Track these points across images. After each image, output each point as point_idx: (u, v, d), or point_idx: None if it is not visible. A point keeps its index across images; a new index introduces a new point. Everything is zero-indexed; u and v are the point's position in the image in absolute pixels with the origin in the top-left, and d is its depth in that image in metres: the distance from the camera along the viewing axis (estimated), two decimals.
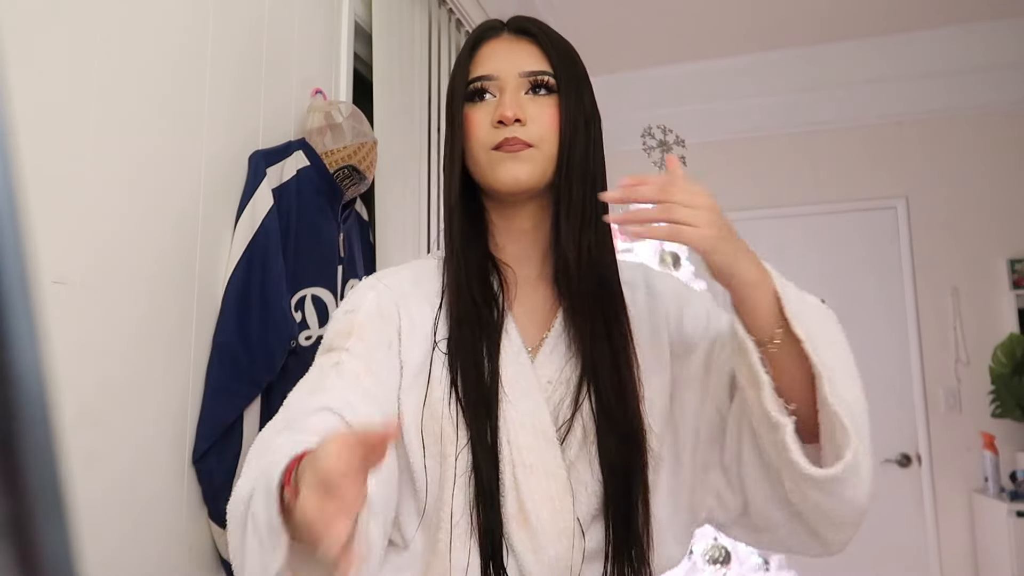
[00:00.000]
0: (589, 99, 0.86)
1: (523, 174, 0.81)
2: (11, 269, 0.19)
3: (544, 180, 0.83)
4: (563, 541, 0.77)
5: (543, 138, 0.82)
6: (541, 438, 0.79)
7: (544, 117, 0.82)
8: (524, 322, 0.85)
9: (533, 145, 0.81)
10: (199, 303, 1.21)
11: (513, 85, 0.83)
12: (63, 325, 0.96)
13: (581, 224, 0.83)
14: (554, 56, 0.84)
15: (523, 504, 0.76)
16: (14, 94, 0.89)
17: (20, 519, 0.19)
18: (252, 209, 1.28)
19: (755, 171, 3.63)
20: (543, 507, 0.77)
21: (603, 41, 3.37)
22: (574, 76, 0.85)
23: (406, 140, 1.89)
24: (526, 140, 0.81)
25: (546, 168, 0.83)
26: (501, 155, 0.81)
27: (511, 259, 0.87)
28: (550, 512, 0.77)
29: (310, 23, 1.58)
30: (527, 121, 0.81)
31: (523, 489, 0.77)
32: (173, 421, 1.14)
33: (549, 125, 0.82)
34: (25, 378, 0.19)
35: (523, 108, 0.82)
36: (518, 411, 0.79)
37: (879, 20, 3.21)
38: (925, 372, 3.29)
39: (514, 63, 0.84)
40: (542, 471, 0.78)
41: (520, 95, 0.83)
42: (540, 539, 0.76)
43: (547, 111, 0.83)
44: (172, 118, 1.18)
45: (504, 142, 0.81)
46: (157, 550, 1.10)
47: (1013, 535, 2.77)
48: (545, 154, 0.82)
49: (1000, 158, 3.30)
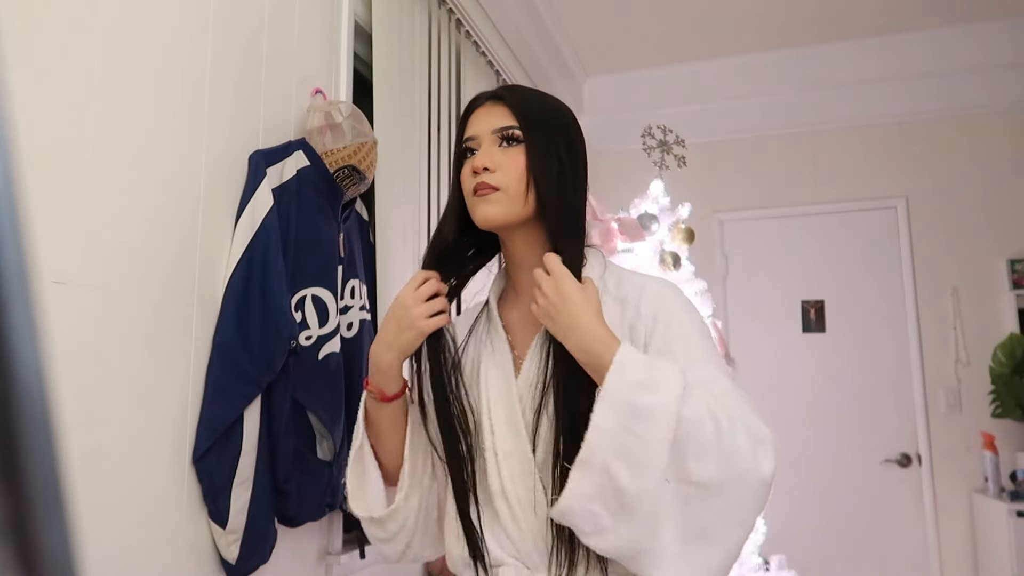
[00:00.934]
0: (565, 143, 1.02)
1: (492, 213, 0.98)
2: (11, 269, 0.19)
3: (517, 216, 0.99)
4: (537, 513, 0.95)
5: (509, 182, 0.98)
6: (514, 431, 0.98)
7: (510, 164, 0.99)
8: (517, 330, 1.04)
9: (499, 188, 0.98)
10: (199, 303, 1.21)
11: (488, 141, 1.01)
12: (63, 325, 0.96)
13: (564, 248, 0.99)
14: (520, 113, 1.01)
15: (503, 483, 0.97)
16: (14, 94, 0.89)
17: (20, 519, 0.19)
18: (252, 209, 1.28)
19: (755, 171, 3.63)
20: (519, 485, 0.96)
21: (603, 41, 3.37)
22: (541, 126, 1.01)
23: (406, 140, 1.89)
24: (492, 184, 0.98)
25: (515, 206, 0.99)
26: (475, 199, 1.00)
27: (520, 284, 1.06)
28: (524, 490, 0.96)
29: (310, 23, 1.58)
30: (495, 168, 0.99)
31: (503, 470, 0.97)
32: (173, 421, 1.14)
33: (514, 170, 0.99)
34: (25, 378, 0.19)
35: (493, 158, 0.99)
36: (500, 408, 0.99)
37: (879, 20, 3.21)
38: (925, 372, 3.29)
39: (488, 123, 1.02)
40: (517, 457, 0.97)
41: (494, 148, 1.01)
42: (516, 511, 0.96)
43: (514, 159, 0.99)
44: (172, 118, 1.18)
45: (477, 187, 0.99)
46: (157, 550, 1.10)
47: (1013, 535, 2.77)
48: (511, 195, 0.98)
49: (1000, 158, 3.30)
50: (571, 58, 3.45)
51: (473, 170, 0.99)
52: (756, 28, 3.26)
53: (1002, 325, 3.19)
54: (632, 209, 2.45)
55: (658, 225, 2.39)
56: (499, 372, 1.01)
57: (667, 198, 2.48)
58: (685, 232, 2.44)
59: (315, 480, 1.36)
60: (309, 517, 1.38)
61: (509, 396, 0.99)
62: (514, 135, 1.00)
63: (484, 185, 0.98)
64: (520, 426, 0.97)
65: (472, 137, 1.04)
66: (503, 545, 0.97)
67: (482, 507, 0.99)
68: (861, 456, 3.32)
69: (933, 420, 3.25)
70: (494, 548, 0.97)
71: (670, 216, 2.46)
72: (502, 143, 1.01)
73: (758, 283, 3.59)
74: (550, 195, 0.98)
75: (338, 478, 1.42)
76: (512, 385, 0.99)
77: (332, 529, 1.58)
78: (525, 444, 0.96)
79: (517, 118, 1.01)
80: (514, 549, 0.97)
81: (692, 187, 3.23)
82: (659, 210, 2.44)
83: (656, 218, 2.40)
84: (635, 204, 2.46)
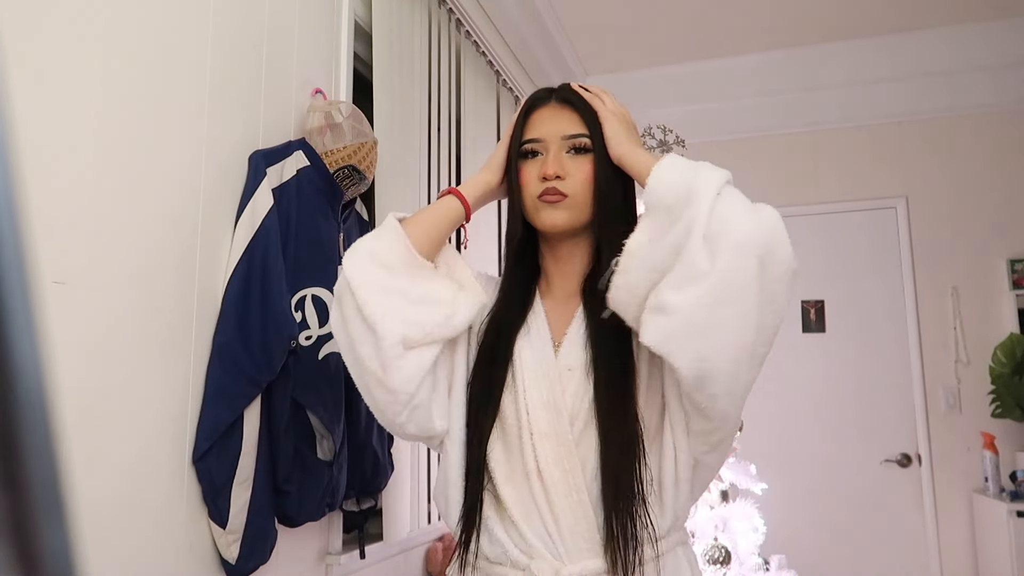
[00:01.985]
0: None
1: (559, 219, 1.01)
2: (11, 269, 0.19)
3: (579, 223, 1.02)
4: (572, 496, 0.95)
5: (577, 190, 1.01)
6: (553, 412, 0.97)
7: (579, 173, 1.01)
8: (555, 321, 1.05)
9: (568, 195, 1.00)
10: (199, 303, 1.21)
11: (556, 146, 1.02)
12: (63, 325, 0.96)
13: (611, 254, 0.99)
14: (591, 122, 1.03)
15: (539, 464, 0.96)
16: (14, 95, 0.89)
17: (20, 519, 0.19)
18: (252, 209, 1.28)
19: (755, 171, 3.63)
20: (555, 468, 0.96)
21: (603, 41, 3.37)
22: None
23: (406, 140, 1.89)
24: (563, 191, 1.00)
25: (580, 213, 1.01)
26: (541, 203, 1.01)
27: (554, 278, 1.09)
28: (561, 472, 0.95)
29: (310, 23, 1.58)
30: (566, 176, 1.01)
31: (539, 452, 0.96)
32: (173, 421, 1.14)
33: (583, 179, 1.01)
34: (25, 378, 0.19)
35: (563, 165, 1.01)
36: (538, 389, 0.98)
37: (879, 20, 3.21)
38: (925, 372, 3.29)
39: (557, 128, 1.03)
40: (554, 439, 0.96)
41: (562, 154, 1.02)
42: (551, 494, 0.95)
43: (583, 168, 1.01)
44: (172, 118, 1.18)
45: (545, 192, 1.01)
46: (157, 550, 1.10)
47: (1013, 535, 2.77)
48: (578, 203, 1.01)
49: (1000, 158, 3.30)
50: (571, 58, 3.45)
51: (544, 176, 1.01)
52: (756, 28, 3.26)
53: (1002, 325, 3.19)
54: None
55: None
56: (536, 354, 1.01)
57: None
58: None
59: (315, 480, 1.36)
60: (309, 517, 1.38)
61: (549, 378, 0.99)
62: (584, 144, 1.02)
63: (555, 191, 1.00)
64: (561, 407, 0.97)
65: (539, 140, 1.04)
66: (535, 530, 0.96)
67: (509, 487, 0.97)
68: (861, 456, 3.32)
69: (933, 420, 3.25)
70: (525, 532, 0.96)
71: None
72: (572, 151, 1.02)
73: None
74: (610, 207, 1.01)
75: (338, 478, 1.42)
76: (553, 367, 0.99)
77: (332, 529, 1.58)
78: (565, 426, 0.96)
79: (587, 126, 1.03)
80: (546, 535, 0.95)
81: None
82: None
83: None
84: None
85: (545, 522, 0.95)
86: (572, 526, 0.94)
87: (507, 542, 0.97)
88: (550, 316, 1.06)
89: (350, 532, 1.65)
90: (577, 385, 0.98)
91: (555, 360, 1.00)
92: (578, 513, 0.95)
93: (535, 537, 0.95)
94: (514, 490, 0.97)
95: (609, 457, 0.94)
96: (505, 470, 0.98)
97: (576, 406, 0.97)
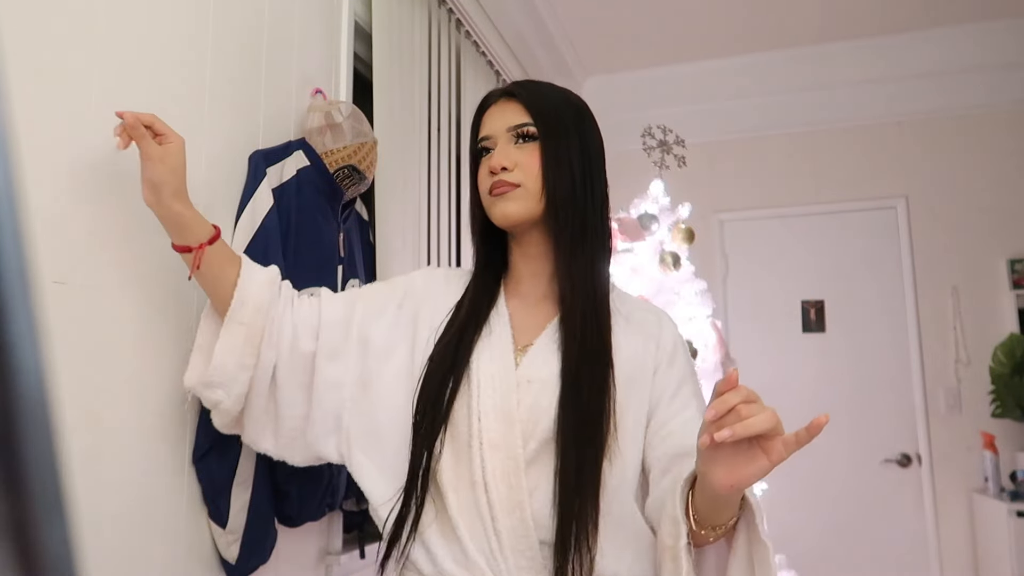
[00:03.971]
0: (581, 141, 1.01)
1: (510, 210, 0.98)
2: (11, 269, 0.19)
3: (534, 213, 0.98)
4: (515, 513, 0.90)
5: (526, 179, 0.98)
6: (506, 423, 0.92)
7: (527, 161, 0.98)
8: (521, 327, 1.01)
9: (519, 184, 0.97)
10: (199, 303, 1.21)
11: (503, 139, 1.00)
12: (63, 325, 0.96)
13: (571, 248, 0.97)
14: (535, 109, 1.00)
15: (485, 475, 0.91)
16: (14, 93, 0.89)
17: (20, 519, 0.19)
18: (252, 209, 1.28)
19: (755, 171, 3.63)
20: (501, 482, 0.91)
21: (603, 41, 3.37)
22: (558, 123, 0.99)
23: (406, 140, 1.89)
24: (511, 181, 0.97)
25: (533, 203, 0.98)
26: (492, 199, 0.99)
27: (524, 278, 1.05)
28: (507, 488, 0.91)
29: (310, 23, 1.58)
30: (513, 167, 0.98)
31: (487, 463, 0.91)
32: (173, 421, 1.14)
33: (531, 167, 0.98)
34: (25, 378, 0.19)
35: (511, 156, 0.98)
36: (492, 398, 0.94)
37: (879, 20, 3.21)
38: (925, 372, 3.29)
39: (503, 121, 1.01)
40: (503, 451, 0.92)
41: (510, 147, 1.00)
42: (495, 508, 0.90)
43: (531, 155, 0.98)
44: (172, 118, 1.17)
45: (494, 186, 0.99)
46: (157, 550, 1.10)
47: (1013, 535, 2.77)
48: (529, 191, 0.98)
49: (1000, 158, 3.30)
50: (571, 58, 3.45)
51: (490, 170, 0.99)
52: (756, 28, 3.26)
53: (1002, 325, 3.19)
54: (632, 209, 2.45)
55: (658, 225, 2.39)
56: (496, 358, 0.97)
57: (667, 198, 2.48)
58: (685, 232, 2.44)
59: (315, 480, 1.36)
60: (309, 517, 1.38)
61: (505, 386, 0.94)
62: (529, 132, 0.99)
63: (501, 184, 0.97)
64: (514, 419, 0.92)
65: (487, 136, 1.03)
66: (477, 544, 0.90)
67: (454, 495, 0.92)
68: (861, 456, 3.32)
69: (933, 420, 3.25)
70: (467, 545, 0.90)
71: (670, 216, 2.46)
72: (518, 140, 1.00)
73: (758, 283, 3.59)
74: (560, 195, 0.97)
75: (338, 478, 1.42)
76: (511, 374, 0.95)
77: (332, 529, 1.58)
78: (515, 439, 0.91)
79: (531, 114, 1.00)
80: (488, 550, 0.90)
81: (692, 187, 3.23)
82: (659, 210, 2.44)
83: (656, 218, 2.39)
84: (635, 204, 2.46)
85: (488, 537, 0.90)
86: (513, 544, 0.90)
87: (445, 557, 0.91)
88: (515, 318, 1.02)
89: (350, 532, 1.65)
90: (535, 399, 0.93)
91: (514, 369, 0.96)
92: (519, 532, 0.90)
93: (477, 551, 0.90)
94: (459, 499, 0.92)
95: (565, 493, 0.88)
96: (451, 476, 0.93)
97: (532, 422, 0.92)
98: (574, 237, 0.97)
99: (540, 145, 0.98)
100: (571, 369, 0.92)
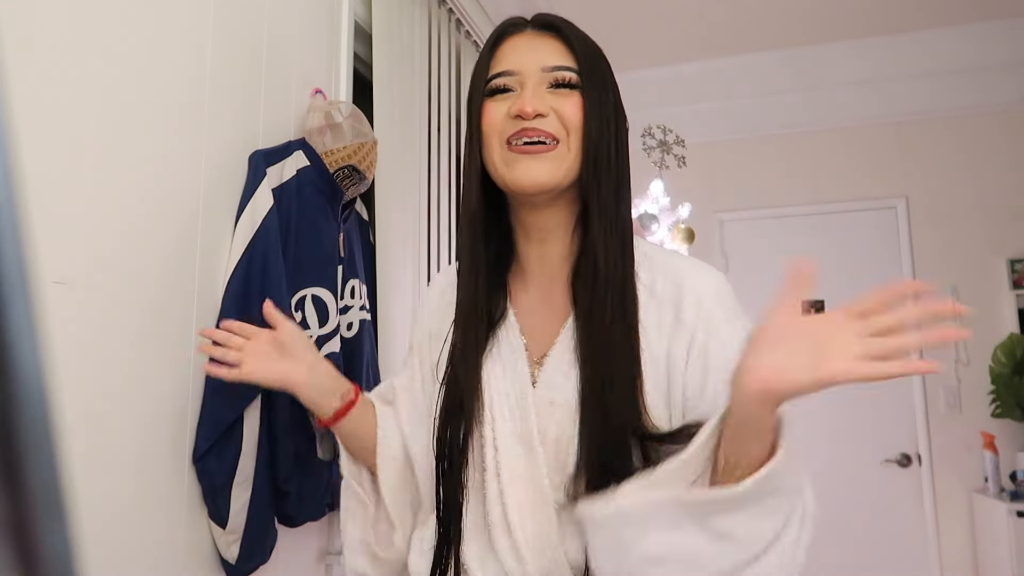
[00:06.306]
0: (615, 99, 0.82)
1: (543, 174, 0.76)
2: (11, 269, 0.19)
3: (568, 179, 0.78)
4: (546, 554, 0.74)
5: (567, 132, 0.76)
6: (527, 448, 0.77)
7: (568, 111, 0.77)
8: (533, 329, 0.82)
9: (557, 139, 0.76)
10: (199, 303, 1.21)
11: (535, 80, 0.77)
12: (63, 325, 0.96)
13: (611, 224, 0.78)
14: (579, 52, 0.79)
15: (507, 513, 0.75)
16: (14, 94, 0.89)
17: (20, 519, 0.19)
18: (252, 209, 1.28)
19: (755, 171, 3.63)
20: (527, 518, 0.75)
21: (604, 41, 3.35)
22: (599, 73, 0.80)
23: (406, 140, 1.89)
24: (550, 132, 0.76)
25: (571, 166, 0.77)
26: (515, 154, 0.76)
27: (530, 264, 0.84)
28: (534, 523, 0.75)
29: (310, 23, 1.58)
30: (548, 114, 0.76)
31: (508, 498, 0.76)
32: (173, 421, 1.14)
33: (573, 119, 0.77)
34: (25, 378, 0.19)
35: (545, 102, 0.77)
36: (509, 421, 0.78)
37: (879, 20, 3.21)
38: None
39: (536, 58, 0.78)
40: (527, 481, 0.76)
41: (542, 90, 0.78)
42: (522, 550, 0.74)
43: (573, 107, 0.77)
44: (172, 118, 1.18)
45: (522, 131, 0.75)
46: (157, 550, 1.10)
47: (1013, 535, 2.77)
48: (570, 151, 0.77)
49: (1000, 158, 3.30)
50: None
51: (518, 114, 0.76)
52: (756, 28, 3.26)
53: (1002, 325, 3.19)
54: (632, 209, 2.45)
55: (658, 225, 2.40)
56: (510, 376, 0.80)
57: (667, 198, 2.48)
58: (685, 232, 2.44)
59: (315, 480, 1.36)
60: (309, 517, 1.38)
61: (523, 406, 0.78)
62: (570, 80, 0.78)
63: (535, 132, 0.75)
64: (535, 444, 0.76)
65: (510, 72, 0.78)
66: None
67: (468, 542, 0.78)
68: (861, 456, 3.32)
69: (933, 420, 3.25)
70: None
71: (670, 216, 2.46)
72: (553, 86, 0.78)
73: (758, 283, 3.59)
74: (603, 156, 0.77)
75: (338, 478, 1.42)
76: (528, 394, 0.78)
77: (332, 529, 1.58)
78: (540, 468, 0.75)
79: (576, 57, 0.79)
80: None
81: (692, 187, 3.23)
82: (659, 210, 2.44)
83: (656, 218, 2.40)
84: (635, 204, 2.46)
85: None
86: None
87: None
88: (526, 321, 0.82)
89: None
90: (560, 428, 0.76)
91: (532, 390, 0.78)
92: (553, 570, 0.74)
93: None
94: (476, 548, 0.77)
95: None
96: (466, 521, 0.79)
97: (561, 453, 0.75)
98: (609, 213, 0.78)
99: (582, 97, 0.77)
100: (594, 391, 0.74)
